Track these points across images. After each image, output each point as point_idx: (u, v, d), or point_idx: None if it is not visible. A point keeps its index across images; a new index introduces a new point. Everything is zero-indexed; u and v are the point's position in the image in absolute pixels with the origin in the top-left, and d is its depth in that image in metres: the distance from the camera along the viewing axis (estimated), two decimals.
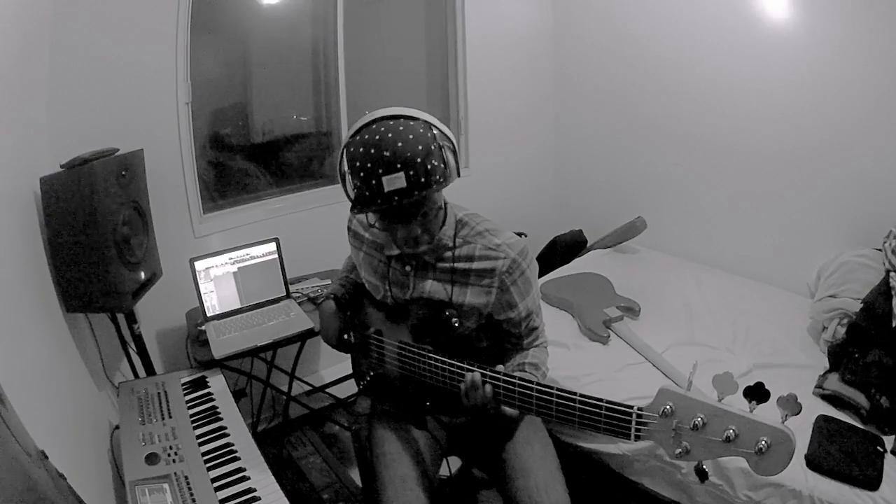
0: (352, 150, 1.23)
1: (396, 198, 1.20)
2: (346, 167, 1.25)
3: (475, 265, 1.39)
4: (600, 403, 1.11)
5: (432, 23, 3.37)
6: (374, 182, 1.19)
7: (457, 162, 1.30)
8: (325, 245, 2.31)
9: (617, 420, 1.09)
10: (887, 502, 1.55)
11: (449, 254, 1.41)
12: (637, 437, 1.07)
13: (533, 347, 1.51)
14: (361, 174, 1.20)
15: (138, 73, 2.24)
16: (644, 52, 3.19)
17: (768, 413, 0.94)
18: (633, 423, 1.07)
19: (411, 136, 1.20)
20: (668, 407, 1.01)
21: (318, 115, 3.05)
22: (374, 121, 1.24)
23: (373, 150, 1.19)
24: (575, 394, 1.15)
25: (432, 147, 1.22)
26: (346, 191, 1.29)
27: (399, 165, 1.18)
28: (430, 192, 1.23)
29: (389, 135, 1.20)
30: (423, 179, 1.20)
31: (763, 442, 0.92)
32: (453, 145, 1.29)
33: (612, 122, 3.47)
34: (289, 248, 2.44)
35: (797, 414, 0.93)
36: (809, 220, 2.71)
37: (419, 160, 1.19)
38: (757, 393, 0.95)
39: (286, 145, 3.00)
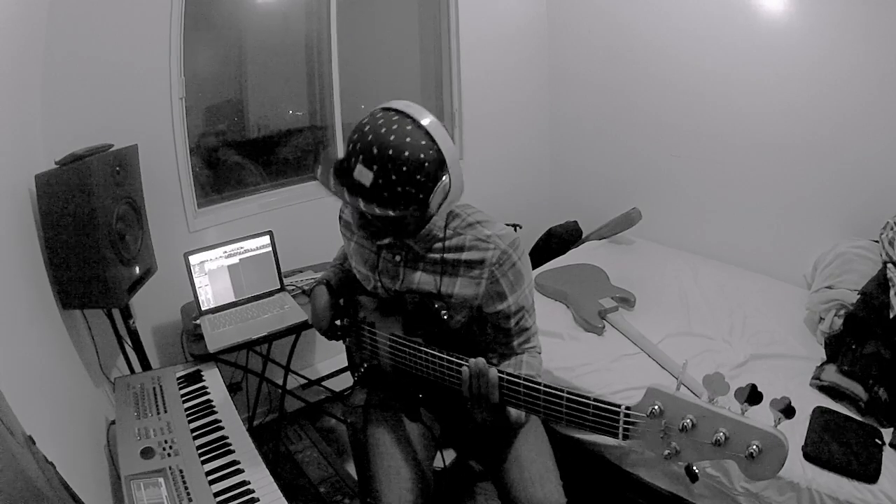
0: (359, 121, 1.23)
1: (357, 194, 1.19)
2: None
3: (465, 256, 1.37)
4: (588, 401, 1.08)
5: (426, 15, 3.35)
6: (352, 160, 1.19)
7: (443, 200, 1.26)
8: (320, 238, 2.30)
9: (604, 418, 1.06)
10: (886, 495, 1.55)
11: (439, 245, 1.39)
12: (625, 437, 1.04)
13: (525, 352, 1.45)
14: (349, 146, 1.21)
15: (132, 69, 2.23)
16: (639, 43, 3.18)
17: (761, 416, 0.91)
18: (621, 422, 1.04)
19: (406, 153, 1.16)
20: (656, 407, 0.98)
21: (312, 109, 3.04)
22: (393, 109, 1.22)
23: (367, 129, 1.19)
24: (562, 390, 1.13)
25: (419, 174, 1.18)
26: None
27: (376, 166, 1.16)
28: (383, 212, 1.19)
29: (394, 127, 1.18)
30: (385, 194, 1.18)
31: (754, 446, 0.89)
32: (449, 181, 1.25)
33: (606, 113, 3.46)
34: (283, 241, 2.44)
35: (791, 418, 0.90)
36: (806, 211, 2.70)
37: (394, 178, 1.17)
38: (749, 394, 0.91)
39: (281, 140, 2.99)
